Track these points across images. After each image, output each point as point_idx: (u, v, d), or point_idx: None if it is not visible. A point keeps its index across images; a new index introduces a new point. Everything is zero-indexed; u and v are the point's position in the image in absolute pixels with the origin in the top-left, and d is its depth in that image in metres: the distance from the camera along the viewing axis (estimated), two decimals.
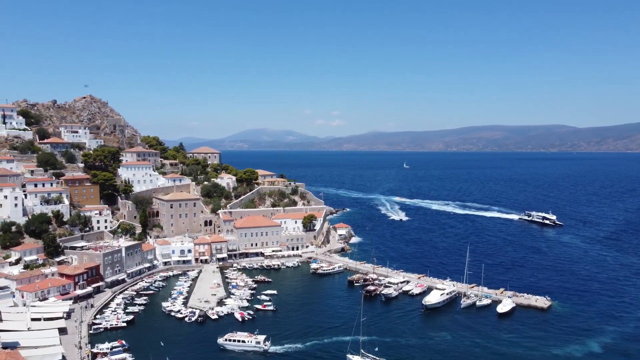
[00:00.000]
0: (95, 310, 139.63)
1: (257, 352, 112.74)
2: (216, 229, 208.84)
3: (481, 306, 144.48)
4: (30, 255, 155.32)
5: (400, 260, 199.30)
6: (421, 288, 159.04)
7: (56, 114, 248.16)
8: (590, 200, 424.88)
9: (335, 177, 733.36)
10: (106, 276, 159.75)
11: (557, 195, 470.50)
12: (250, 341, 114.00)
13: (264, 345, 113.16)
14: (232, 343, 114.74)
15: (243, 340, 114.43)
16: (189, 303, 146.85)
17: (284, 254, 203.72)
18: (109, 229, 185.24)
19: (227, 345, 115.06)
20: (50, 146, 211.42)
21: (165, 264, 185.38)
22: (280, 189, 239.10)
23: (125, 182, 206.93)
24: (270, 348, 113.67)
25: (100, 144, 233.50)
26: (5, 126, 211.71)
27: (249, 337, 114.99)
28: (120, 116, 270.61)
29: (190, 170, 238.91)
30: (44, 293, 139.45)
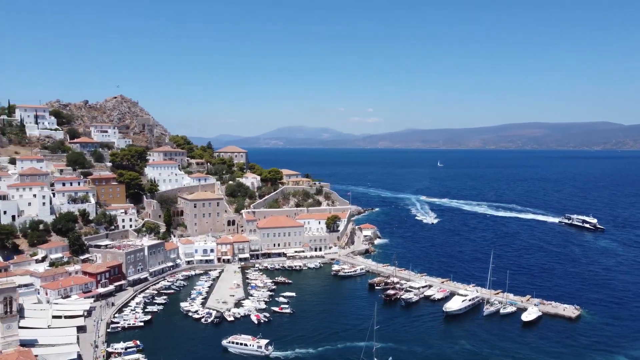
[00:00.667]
0: (115, 309, 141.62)
1: (258, 357, 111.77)
2: (239, 229, 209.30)
3: (505, 314, 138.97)
4: (56, 253, 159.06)
5: (424, 264, 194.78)
6: (443, 293, 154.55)
7: (87, 114, 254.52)
8: (633, 202, 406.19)
9: (367, 175, 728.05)
10: (128, 275, 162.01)
11: (600, 196, 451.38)
12: (252, 345, 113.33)
13: (265, 350, 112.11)
14: (235, 346, 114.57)
15: (245, 344, 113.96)
16: (207, 304, 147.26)
17: (307, 254, 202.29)
18: (133, 227, 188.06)
19: (230, 347, 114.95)
20: (80, 146, 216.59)
21: (188, 263, 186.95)
22: (305, 189, 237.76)
23: (151, 182, 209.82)
24: (272, 353, 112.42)
25: (128, 143, 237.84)
26: (37, 126, 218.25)
27: (251, 341, 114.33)
28: (149, 116, 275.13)
29: (216, 170, 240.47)
30: (66, 291, 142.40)
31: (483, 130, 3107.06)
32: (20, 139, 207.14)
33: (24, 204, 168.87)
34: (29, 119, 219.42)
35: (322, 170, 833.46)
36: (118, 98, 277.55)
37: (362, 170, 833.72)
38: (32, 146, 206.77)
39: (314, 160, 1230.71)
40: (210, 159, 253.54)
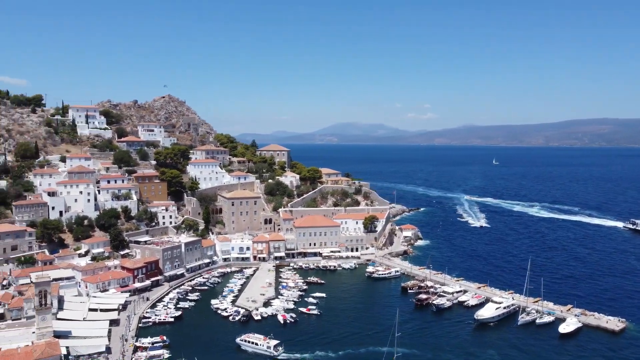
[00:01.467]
0: (149, 304, 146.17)
1: (267, 357, 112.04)
2: (276, 228, 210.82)
3: (541, 324, 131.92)
4: (97, 248, 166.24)
5: (462, 268, 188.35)
6: (478, 299, 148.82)
7: (136, 113, 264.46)
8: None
9: (417, 173, 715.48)
10: (165, 270, 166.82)
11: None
12: (262, 344, 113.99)
13: (274, 351, 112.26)
14: (247, 344, 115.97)
15: (256, 343, 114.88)
16: (237, 302, 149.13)
17: (342, 255, 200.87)
18: (173, 224, 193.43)
19: (243, 345, 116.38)
20: (126, 144, 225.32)
21: (224, 260, 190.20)
22: (343, 188, 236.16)
23: (191, 180, 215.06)
24: (281, 355, 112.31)
25: (173, 142, 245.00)
26: (87, 126, 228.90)
27: (262, 340, 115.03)
28: (195, 115, 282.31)
29: (256, 168, 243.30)
30: (104, 284, 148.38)
31: (545, 126, 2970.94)
32: (71, 138, 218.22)
33: (71, 200, 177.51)
34: (81, 118, 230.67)
35: (372, 167, 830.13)
36: (166, 98, 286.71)
37: (413, 168, 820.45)
38: (82, 145, 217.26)
39: (366, 157, 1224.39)
40: (252, 158, 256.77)
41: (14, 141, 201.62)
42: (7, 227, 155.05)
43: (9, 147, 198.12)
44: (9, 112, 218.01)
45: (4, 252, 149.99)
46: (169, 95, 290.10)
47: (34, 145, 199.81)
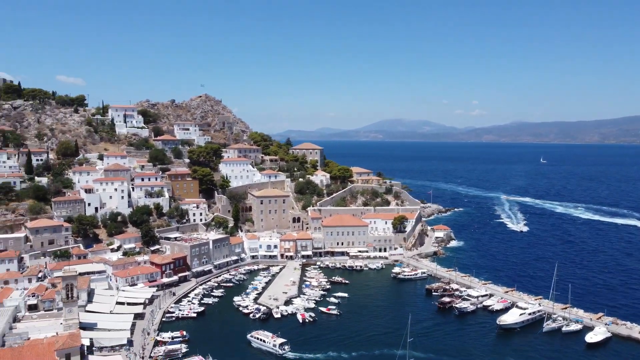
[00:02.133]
0: (174, 299, 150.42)
1: (272, 354, 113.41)
2: (304, 226, 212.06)
3: (567, 332, 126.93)
4: (129, 243, 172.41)
5: (492, 271, 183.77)
6: (504, 304, 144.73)
7: (173, 113, 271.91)
8: None
9: (459, 171, 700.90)
10: (193, 267, 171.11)
11: None
12: (269, 342, 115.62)
13: (279, 350, 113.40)
14: (256, 340, 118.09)
15: (264, 340, 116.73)
16: (259, 299, 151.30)
17: (370, 255, 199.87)
18: (203, 221, 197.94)
19: (252, 341, 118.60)
20: (162, 143, 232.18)
21: (252, 257, 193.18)
22: (374, 188, 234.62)
23: (223, 178, 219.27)
24: (287, 354, 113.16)
25: (207, 140, 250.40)
26: (125, 125, 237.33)
27: (270, 338, 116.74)
28: (230, 114, 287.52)
29: (288, 167, 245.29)
30: (133, 279, 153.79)
31: (602, 123, 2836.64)
32: (110, 137, 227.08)
33: (106, 197, 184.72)
34: (119, 118, 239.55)
35: (414, 165, 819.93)
36: (202, 97, 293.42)
37: (455, 167, 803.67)
38: (120, 143, 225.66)
39: (411, 155, 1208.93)
40: (284, 156, 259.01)
41: (56, 140, 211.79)
42: (45, 222, 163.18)
43: (51, 145, 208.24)
44: (53, 112, 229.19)
45: (42, 246, 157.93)
46: (206, 94, 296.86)
47: (74, 143, 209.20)
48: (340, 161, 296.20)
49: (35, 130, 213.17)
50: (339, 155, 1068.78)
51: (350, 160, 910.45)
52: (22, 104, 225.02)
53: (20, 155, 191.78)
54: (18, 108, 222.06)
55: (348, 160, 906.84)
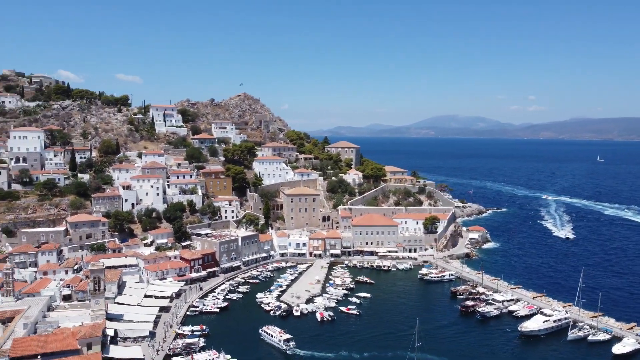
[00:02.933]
0: (201, 294, 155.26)
1: (277, 349, 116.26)
2: (334, 225, 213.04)
3: (594, 342, 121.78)
4: (162, 238, 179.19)
5: (525, 275, 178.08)
6: (529, 310, 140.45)
7: (212, 112, 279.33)
8: None
9: (509, 170, 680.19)
10: (222, 262, 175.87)
11: None
12: (275, 337, 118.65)
13: (283, 345, 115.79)
14: (265, 335, 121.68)
15: (272, 335, 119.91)
16: (282, 297, 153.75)
17: (399, 255, 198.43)
18: (234, 218, 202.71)
19: (262, 335, 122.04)
20: (199, 141, 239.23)
21: (281, 255, 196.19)
22: (406, 187, 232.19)
23: (256, 176, 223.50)
24: (290, 350, 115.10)
25: (243, 139, 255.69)
26: (165, 124, 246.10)
27: (277, 333, 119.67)
28: (267, 112, 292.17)
29: (321, 165, 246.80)
30: (163, 273, 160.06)
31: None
32: (150, 135, 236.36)
33: (142, 194, 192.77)
34: (159, 117, 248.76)
35: (461, 163, 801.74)
36: (241, 96, 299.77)
37: (506, 165, 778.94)
38: (159, 142, 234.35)
39: (462, 152, 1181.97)
40: (319, 154, 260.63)
41: (99, 138, 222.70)
42: (84, 217, 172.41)
43: (95, 143, 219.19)
44: (98, 112, 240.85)
45: (80, 239, 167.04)
46: (245, 93, 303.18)
47: (115, 142, 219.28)
48: (386, 158, 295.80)
49: (80, 129, 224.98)
50: (387, 152, 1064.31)
51: (397, 157, 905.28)
52: (70, 104, 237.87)
53: (66, 153, 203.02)
54: (66, 108, 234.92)
55: (394, 158, 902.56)
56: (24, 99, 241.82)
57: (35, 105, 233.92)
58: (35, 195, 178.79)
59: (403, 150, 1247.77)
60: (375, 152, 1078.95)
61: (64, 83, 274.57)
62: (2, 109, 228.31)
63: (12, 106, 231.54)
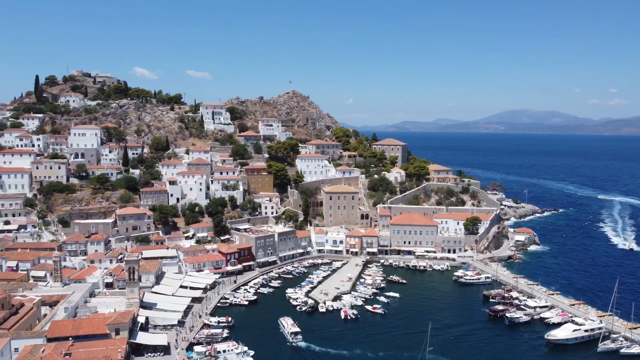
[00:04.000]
0: (234, 287, 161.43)
1: (285, 340, 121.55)
2: (372, 223, 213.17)
3: (627, 355, 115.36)
4: (202, 232, 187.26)
5: (567, 281, 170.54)
6: (562, 318, 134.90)
7: (260, 109, 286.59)
8: None
9: (578, 169, 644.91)
10: (258, 257, 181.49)
11: None
12: (287, 328, 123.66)
13: (290, 337, 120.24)
14: (280, 325, 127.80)
15: (284, 326, 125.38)
16: (311, 293, 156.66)
17: (437, 255, 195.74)
18: (274, 214, 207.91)
19: (280, 326, 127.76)
20: (244, 138, 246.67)
21: (318, 251, 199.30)
22: (449, 187, 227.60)
23: (297, 173, 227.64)
24: (295, 343, 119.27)
25: (288, 136, 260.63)
26: (213, 121, 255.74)
27: (289, 325, 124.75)
28: (315, 109, 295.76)
29: (364, 163, 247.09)
30: (200, 265, 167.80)
31: None
32: (198, 132, 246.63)
33: (187, 189, 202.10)
34: (208, 115, 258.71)
35: (526, 160, 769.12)
36: (290, 93, 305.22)
37: (573, 163, 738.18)
38: (207, 139, 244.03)
39: (530, 149, 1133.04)
40: (364, 152, 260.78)
41: (152, 135, 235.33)
42: (131, 210, 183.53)
43: (147, 140, 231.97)
44: (152, 110, 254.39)
45: (127, 231, 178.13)
46: (293, 91, 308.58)
47: (165, 139, 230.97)
48: (448, 155, 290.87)
49: (135, 127, 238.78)
50: (451, 149, 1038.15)
51: (460, 154, 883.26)
52: (126, 103, 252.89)
53: (120, 149, 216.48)
54: (123, 106, 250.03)
55: (456, 155, 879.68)
56: (87, 98, 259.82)
57: (96, 104, 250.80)
58: (89, 188, 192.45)
59: (468, 147, 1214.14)
60: (437, 149, 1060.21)
61: (125, 83, 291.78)
62: (67, 107, 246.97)
63: (76, 105, 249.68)
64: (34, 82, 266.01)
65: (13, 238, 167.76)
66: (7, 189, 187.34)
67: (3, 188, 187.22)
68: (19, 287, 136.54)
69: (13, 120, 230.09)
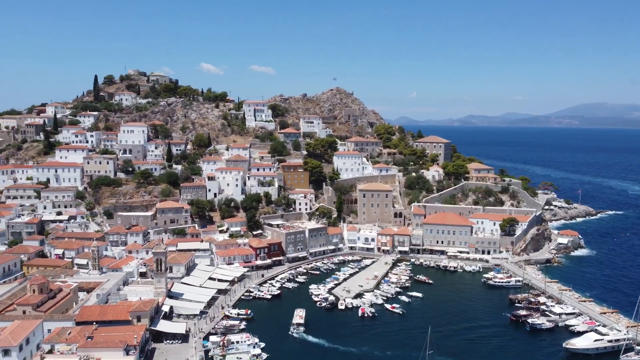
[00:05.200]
0: (260, 280, 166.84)
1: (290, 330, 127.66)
2: (406, 222, 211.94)
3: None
4: (236, 226, 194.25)
5: (605, 289, 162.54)
6: (589, 326, 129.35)
7: (303, 106, 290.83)
8: None
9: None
10: (288, 252, 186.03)
11: None
12: (294, 319, 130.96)
13: (292, 328, 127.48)
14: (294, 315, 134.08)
15: (294, 316, 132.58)
16: (334, 289, 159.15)
17: (469, 256, 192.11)
18: (307, 211, 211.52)
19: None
20: (284, 135, 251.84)
21: (350, 248, 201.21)
22: (488, 186, 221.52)
23: (333, 170, 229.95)
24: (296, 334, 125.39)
25: (328, 133, 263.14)
26: (255, 119, 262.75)
27: (297, 317, 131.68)
28: (358, 106, 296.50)
29: (403, 161, 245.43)
30: (230, 259, 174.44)
31: None
32: (240, 130, 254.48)
33: (225, 184, 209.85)
34: (250, 112, 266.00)
35: (594, 158, 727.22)
36: (334, 90, 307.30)
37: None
38: (248, 136, 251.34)
39: (606, 145, 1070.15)
40: (404, 150, 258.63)
41: (195, 132, 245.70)
42: (169, 204, 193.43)
43: (190, 137, 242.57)
44: (198, 108, 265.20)
45: (165, 224, 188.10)
46: (337, 87, 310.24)
47: (207, 135, 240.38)
48: (512, 151, 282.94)
49: (181, 124, 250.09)
50: (518, 145, 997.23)
51: (525, 150, 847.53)
52: (174, 101, 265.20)
53: (164, 146, 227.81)
54: (171, 104, 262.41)
55: (519, 151, 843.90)
56: (138, 97, 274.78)
57: (146, 102, 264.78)
58: (134, 182, 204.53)
59: (538, 143, 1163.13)
60: (503, 145, 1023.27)
61: (174, 80, 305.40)
62: (120, 105, 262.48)
63: (128, 103, 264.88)
64: (93, 81, 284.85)
65: (63, 228, 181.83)
66: (61, 182, 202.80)
67: (58, 181, 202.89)
68: (62, 273, 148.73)
69: (71, 118, 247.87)
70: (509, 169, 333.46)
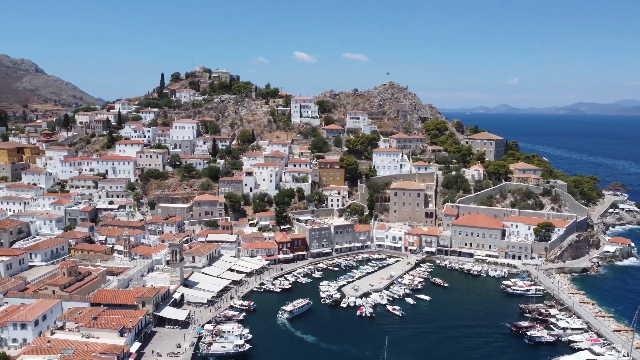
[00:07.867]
0: (277, 274, 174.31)
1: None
2: (437, 222, 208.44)
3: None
4: (265, 220, 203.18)
5: (633, 303, 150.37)
6: (591, 343, 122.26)
7: (352, 102, 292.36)
8: None
9: None
10: (312, 248, 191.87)
11: None
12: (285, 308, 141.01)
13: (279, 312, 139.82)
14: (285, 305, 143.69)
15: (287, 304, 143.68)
16: (344, 287, 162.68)
17: (497, 260, 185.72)
18: (339, 207, 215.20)
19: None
20: (327, 132, 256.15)
21: (378, 246, 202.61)
22: (528, 188, 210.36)
23: (370, 167, 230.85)
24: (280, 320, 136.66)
25: (373, 129, 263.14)
26: (300, 115, 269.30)
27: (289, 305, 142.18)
28: (411, 101, 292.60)
29: (445, 159, 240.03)
30: (254, 252, 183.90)
31: None
32: (285, 125, 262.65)
33: (261, 179, 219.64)
34: (296, 109, 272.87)
35: None
36: (386, 85, 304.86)
37: None
38: (292, 131, 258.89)
39: None
40: (449, 147, 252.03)
41: (242, 128, 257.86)
42: (206, 197, 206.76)
43: (237, 133, 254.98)
44: (248, 104, 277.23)
45: (200, 216, 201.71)
46: (390, 82, 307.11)
47: (252, 131, 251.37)
48: (620, 145, 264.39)
49: (230, 120, 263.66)
50: (630, 138, 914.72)
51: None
52: (227, 98, 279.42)
53: (212, 141, 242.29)
54: (224, 101, 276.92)
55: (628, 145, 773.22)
56: (197, 94, 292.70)
57: (202, 99, 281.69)
58: (179, 176, 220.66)
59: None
60: (612, 137, 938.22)
61: (237, 77, 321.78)
62: (179, 102, 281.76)
63: (186, 100, 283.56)
64: (160, 79, 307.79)
65: (113, 216, 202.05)
66: (117, 174, 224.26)
67: (115, 173, 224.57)
68: (98, 258, 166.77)
69: (135, 114, 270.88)
70: (601, 166, 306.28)
